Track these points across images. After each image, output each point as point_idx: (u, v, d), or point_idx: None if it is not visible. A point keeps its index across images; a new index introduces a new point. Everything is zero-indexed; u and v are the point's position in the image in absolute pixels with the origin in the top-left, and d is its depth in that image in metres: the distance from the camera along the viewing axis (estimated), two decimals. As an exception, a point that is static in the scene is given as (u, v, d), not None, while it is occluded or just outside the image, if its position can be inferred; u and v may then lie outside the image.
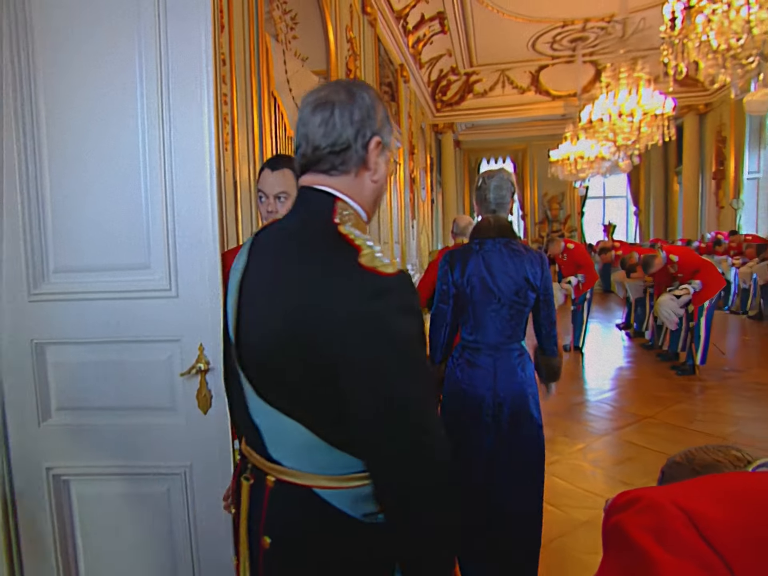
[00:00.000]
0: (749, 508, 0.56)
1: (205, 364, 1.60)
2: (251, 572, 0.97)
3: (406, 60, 7.58)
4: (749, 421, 3.98)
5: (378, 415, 0.79)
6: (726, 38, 3.49)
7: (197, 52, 1.56)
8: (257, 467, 0.95)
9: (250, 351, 0.92)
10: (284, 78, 3.62)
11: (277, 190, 1.61)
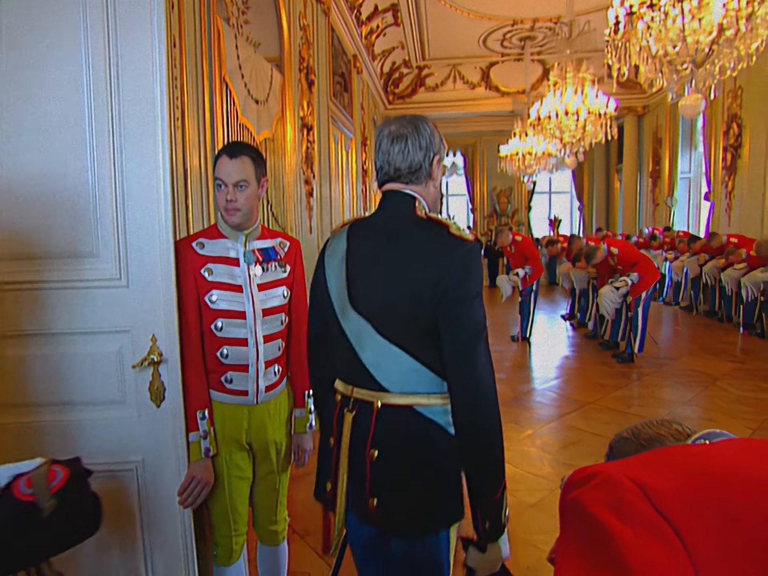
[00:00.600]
0: (692, 478, 0.61)
1: (157, 356, 1.56)
2: (352, 485, 1.26)
3: (359, 51, 7.54)
4: (681, 404, 4.26)
5: (457, 339, 1.15)
6: (663, 45, 3.67)
7: (147, 24, 1.50)
8: (360, 399, 1.24)
9: (371, 304, 1.22)
10: (236, 64, 3.53)
11: (236, 178, 1.56)
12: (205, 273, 1.59)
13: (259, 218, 1.71)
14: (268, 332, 1.65)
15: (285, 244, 1.75)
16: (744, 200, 7.10)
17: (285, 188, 4.51)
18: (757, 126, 6.84)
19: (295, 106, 4.80)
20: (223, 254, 1.62)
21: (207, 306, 1.58)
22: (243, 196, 1.58)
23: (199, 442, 1.59)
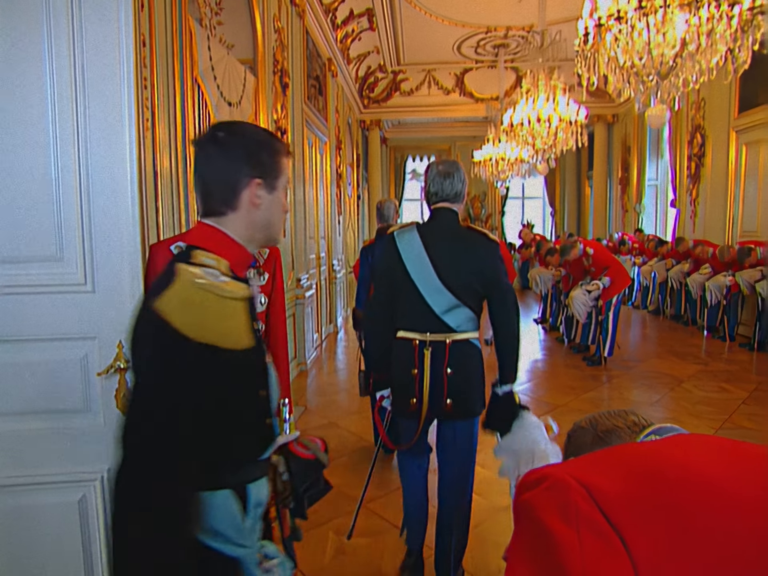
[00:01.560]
0: (639, 478, 0.62)
1: (124, 363, 1.53)
2: (433, 395, 2.00)
3: (334, 54, 7.54)
4: (647, 406, 4.36)
5: (500, 298, 1.99)
6: (630, 56, 3.78)
7: (114, 19, 1.47)
8: (434, 341, 1.98)
9: (452, 280, 1.96)
10: (209, 65, 3.49)
11: None
12: None
13: None
14: None
15: (264, 252, 1.74)
16: (708, 207, 7.34)
17: (258, 191, 4.47)
18: (719, 136, 7.08)
19: (269, 109, 4.77)
20: None
21: None
22: None
23: None
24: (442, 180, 2.06)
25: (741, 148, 6.66)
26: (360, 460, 3.46)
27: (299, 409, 4.36)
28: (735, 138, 6.74)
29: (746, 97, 6.50)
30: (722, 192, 7.00)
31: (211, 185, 1.04)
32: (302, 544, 2.60)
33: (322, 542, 2.57)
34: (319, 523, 2.70)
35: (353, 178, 9.88)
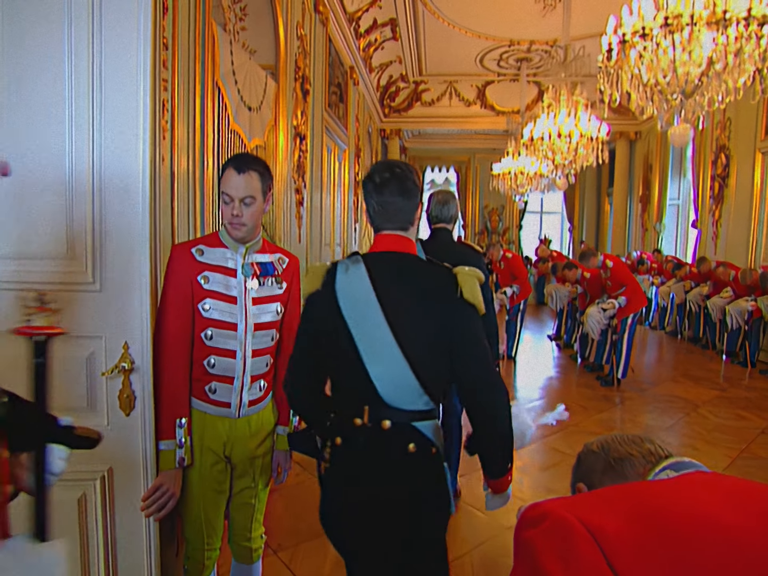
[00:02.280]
0: (644, 522, 0.60)
1: (129, 364, 1.53)
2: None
3: (357, 63, 7.57)
4: (662, 430, 4.25)
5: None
6: (654, 74, 3.72)
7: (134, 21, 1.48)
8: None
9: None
10: (230, 69, 3.51)
11: (243, 194, 1.54)
12: (201, 280, 1.57)
13: (261, 232, 1.70)
14: (258, 347, 1.64)
15: (284, 261, 1.74)
16: (730, 229, 7.19)
17: (275, 197, 4.49)
18: (744, 157, 6.95)
19: (289, 115, 4.79)
20: (222, 264, 1.61)
21: (200, 313, 1.57)
22: (249, 211, 1.57)
23: (174, 451, 1.56)
24: (441, 206, 2.71)
25: (767, 170, 6.52)
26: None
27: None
28: (761, 159, 6.60)
29: (773, 118, 6.39)
30: (746, 214, 6.85)
31: (406, 208, 1.43)
32: (302, 554, 2.57)
33: (321, 553, 2.52)
34: (320, 533, 2.66)
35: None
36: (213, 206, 3.29)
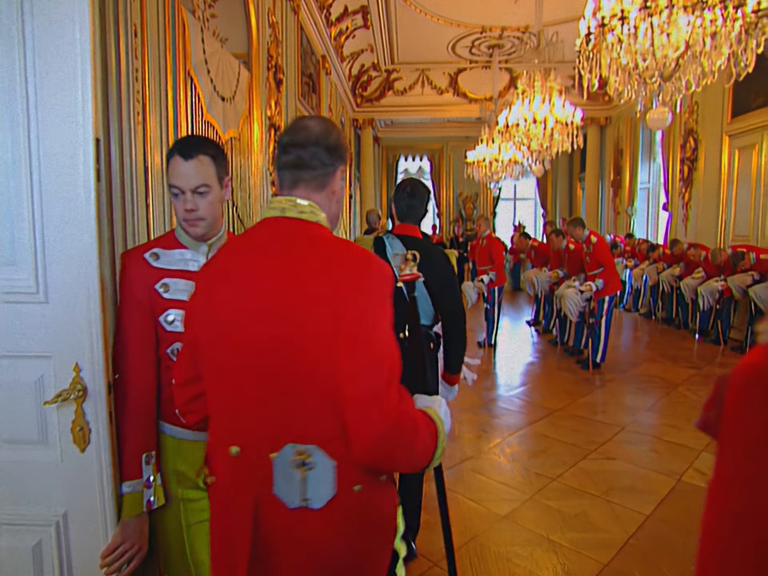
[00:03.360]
0: None
1: (81, 389, 1.27)
2: None
3: (328, 52, 7.42)
4: (644, 411, 4.33)
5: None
6: (633, 57, 3.73)
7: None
8: None
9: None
10: (202, 58, 3.37)
11: (195, 183, 1.32)
12: (160, 289, 1.36)
13: (224, 224, 1.50)
14: None
15: None
16: (700, 211, 7.36)
17: (251, 189, 4.36)
18: (712, 140, 7.10)
19: (263, 105, 4.66)
20: (182, 267, 1.40)
21: (163, 328, 1.36)
22: (205, 202, 1.35)
23: (141, 493, 1.34)
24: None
25: (734, 153, 6.67)
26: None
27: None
28: (728, 142, 6.75)
29: (739, 101, 6.52)
30: (714, 196, 7.01)
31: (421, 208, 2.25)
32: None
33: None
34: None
35: (345, 176, 9.77)
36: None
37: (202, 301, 1.05)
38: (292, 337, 0.95)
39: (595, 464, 3.36)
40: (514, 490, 3.06)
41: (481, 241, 6.53)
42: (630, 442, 3.71)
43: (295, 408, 0.97)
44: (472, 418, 4.24)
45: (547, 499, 2.94)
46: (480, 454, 3.56)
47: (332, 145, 1.08)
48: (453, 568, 1.64)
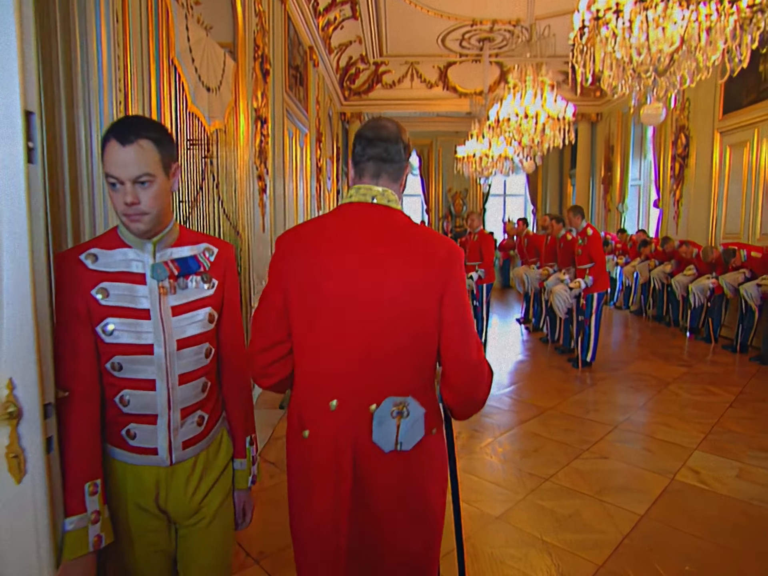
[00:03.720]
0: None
1: (15, 410, 1.08)
2: None
3: (316, 43, 7.29)
4: (637, 410, 4.30)
5: None
6: (628, 51, 3.68)
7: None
8: None
9: None
10: (186, 46, 3.25)
11: (135, 172, 1.14)
12: (97, 295, 1.19)
13: (174, 218, 1.31)
14: (186, 370, 1.26)
15: (212, 252, 1.34)
16: (691, 208, 7.36)
17: (237, 183, 4.25)
18: (703, 137, 7.10)
19: (249, 97, 4.53)
20: (124, 269, 1.23)
21: (101, 339, 1.20)
22: (148, 194, 1.17)
23: (86, 528, 1.16)
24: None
25: (725, 150, 6.68)
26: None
27: (279, 413, 4.17)
28: (719, 139, 6.75)
29: (731, 98, 6.51)
30: (706, 193, 7.02)
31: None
32: (286, 560, 2.44)
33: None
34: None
35: (333, 171, 9.65)
36: (173, 195, 3.05)
37: (307, 274, 1.21)
38: (405, 305, 1.16)
39: (588, 463, 3.32)
40: (507, 491, 3.01)
41: (473, 236, 6.47)
42: (623, 440, 3.68)
43: (398, 365, 1.18)
44: (464, 416, 4.18)
45: (541, 500, 2.89)
46: (471, 454, 3.51)
47: (406, 143, 1.28)
48: (462, 564, 1.67)
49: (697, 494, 2.94)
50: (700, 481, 3.09)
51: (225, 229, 3.93)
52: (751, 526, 2.62)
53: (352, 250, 1.19)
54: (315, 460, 1.24)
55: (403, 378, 1.20)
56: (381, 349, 1.18)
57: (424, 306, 1.17)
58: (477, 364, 1.22)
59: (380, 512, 1.23)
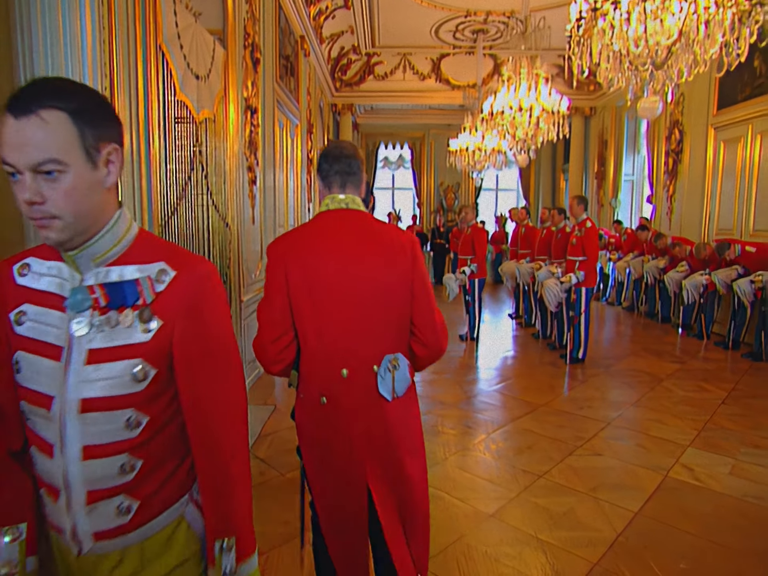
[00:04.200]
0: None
1: None
2: None
3: (307, 32, 7.17)
4: (630, 406, 4.28)
5: None
6: (625, 43, 3.63)
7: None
8: None
9: None
10: (174, 32, 3.15)
11: (34, 158, 0.80)
12: (15, 318, 0.93)
13: (114, 222, 0.93)
14: (95, 441, 0.91)
15: (165, 276, 0.93)
16: (684, 203, 7.36)
17: (226, 174, 4.15)
18: (697, 133, 7.08)
19: (239, 86, 4.43)
20: (51, 289, 0.93)
21: (15, 375, 0.94)
22: (57, 190, 0.83)
23: None
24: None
25: (719, 146, 6.66)
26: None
27: (268, 408, 4.10)
28: (713, 135, 6.74)
29: (725, 94, 6.49)
30: (699, 189, 7.01)
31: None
32: (277, 561, 2.39)
33: (298, 558, 2.35)
34: (293, 535, 2.48)
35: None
36: (161, 186, 2.96)
37: (306, 272, 1.47)
38: (388, 287, 1.50)
39: (581, 460, 3.30)
40: (501, 488, 2.97)
41: (466, 229, 6.41)
42: (616, 437, 3.66)
43: (387, 332, 1.52)
44: (456, 413, 4.14)
45: (535, 497, 2.86)
46: (465, 451, 3.47)
47: (362, 159, 1.61)
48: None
49: (691, 491, 2.92)
50: (694, 477, 3.07)
51: (214, 221, 3.84)
52: (745, 523, 2.61)
53: (341, 248, 1.49)
54: (333, 420, 1.52)
55: (392, 340, 1.54)
56: (374, 323, 1.50)
57: (401, 286, 1.52)
58: (440, 325, 1.59)
59: (391, 447, 1.54)
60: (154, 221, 2.87)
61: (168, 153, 3.06)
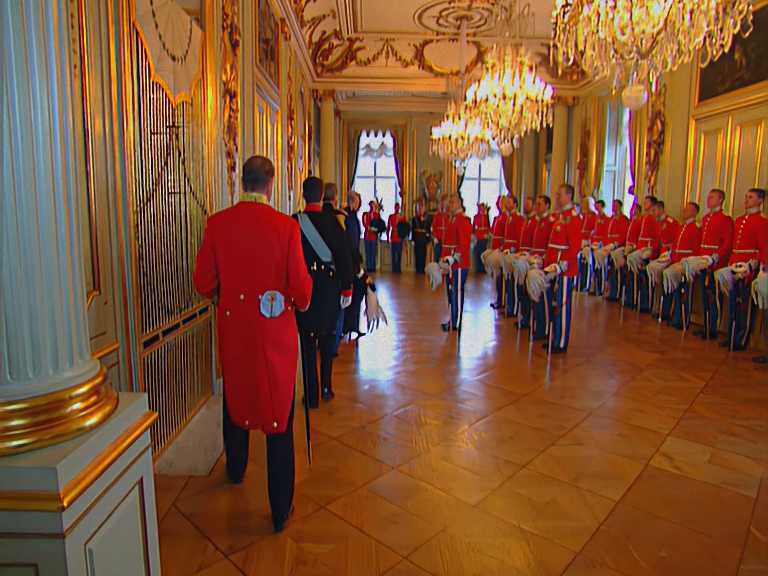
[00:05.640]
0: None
1: None
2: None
3: (288, 15, 6.99)
4: (610, 396, 4.32)
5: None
6: (611, 31, 3.59)
7: None
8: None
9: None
10: (149, 9, 3.01)
11: None
12: None
13: None
14: None
15: None
16: (666, 194, 7.41)
17: (205, 160, 4.03)
18: (678, 124, 7.12)
19: (218, 69, 4.29)
20: None
21: None
22: None
23: None
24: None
25: (700, 137, 6.71)
26: (326, 456, 3.20)
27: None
28: (694, 126, 6.78)
29: (706, 85, 6.53)
30: (680, 180, 7.07)
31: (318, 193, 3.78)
32: (257, 554, 2.34)
33: (280, 551, 2.31)
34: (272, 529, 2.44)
35: (305, 150, 9.38)
36: (135, 172, 2.85)
37: (224, 237, 2.44)
38: (273, 251, 2.39)
39: (563, 450, 3.31)
40: (484, 479, 2.97)
41: (451, 218, 6.37)
42: (598, 426, 3.68)
43: (269, 277, 2.42)
44: (438, 403, 4.13)
45: (518, 487, 2.86)
46: (447, 441, 3.46)
47: (267, 170, 2.51)
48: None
49: (671, 479, 2.95)
50: (674, 466, 3.10)
51: (191, 208, 3.73)
52: (723, 510, 2.65)
53: (246, 225, 2.43)
54: (232, 327, 2.48)
55: (272, 283, 2.42)
56: (260, 270, 2.41)
57: (280, 251, 2.40)
58: (304, 277, 2.46)
59: (264, 344, 2.43)
60: (129, 208, 2.76)
61: (143, 137, 2.94)
